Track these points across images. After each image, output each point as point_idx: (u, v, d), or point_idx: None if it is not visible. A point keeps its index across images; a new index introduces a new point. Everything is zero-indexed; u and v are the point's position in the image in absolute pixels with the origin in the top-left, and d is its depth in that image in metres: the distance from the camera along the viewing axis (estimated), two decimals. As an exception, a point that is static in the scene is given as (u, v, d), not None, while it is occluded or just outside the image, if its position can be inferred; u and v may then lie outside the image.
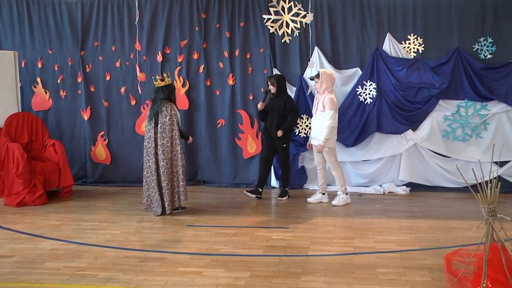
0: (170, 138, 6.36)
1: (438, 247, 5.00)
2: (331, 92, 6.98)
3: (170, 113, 6.36)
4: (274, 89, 7.34)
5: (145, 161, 6.50)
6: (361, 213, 6.61)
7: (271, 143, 7.45)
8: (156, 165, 6.38)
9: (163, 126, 6.35)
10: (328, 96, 6.92)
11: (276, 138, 7.32)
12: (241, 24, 8.28)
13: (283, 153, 7.44)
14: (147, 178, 6.50)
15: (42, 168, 7.49)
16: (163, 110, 6.37)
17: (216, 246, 5.10)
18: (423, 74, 7.77)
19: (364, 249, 4.97)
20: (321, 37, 8.10)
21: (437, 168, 7.90)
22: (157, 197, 6.40)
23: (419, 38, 7.83)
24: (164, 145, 6.33)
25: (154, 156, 6.37)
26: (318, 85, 7.04)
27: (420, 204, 7.13)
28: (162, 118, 6.36)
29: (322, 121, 6.95)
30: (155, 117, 6.39)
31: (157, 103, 6.42)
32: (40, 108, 8.81)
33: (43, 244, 5.22)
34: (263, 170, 7.57)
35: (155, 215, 6.43)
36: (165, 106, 6.39)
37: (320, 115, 7.00)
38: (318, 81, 7.03)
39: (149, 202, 6.56)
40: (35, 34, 8.77)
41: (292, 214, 6.57)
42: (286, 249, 4.98)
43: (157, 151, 6.39)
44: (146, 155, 6.48)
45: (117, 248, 5.08)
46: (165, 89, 6.48)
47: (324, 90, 6.99)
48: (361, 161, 8.16)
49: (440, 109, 7.85)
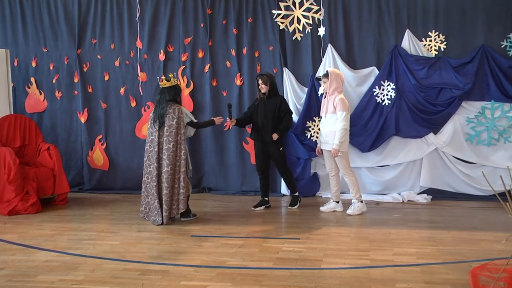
0: (175, 142, 6.37)
1: (462, 261, 4.95)
2: (340, 92, 6.98)
3: (177, 116, 6.38)
4: (266, 88, 7.25)
5: (146, 166, 6.50)
6: (378, 223, 6.57)
7: (265, 148, 7.38)
8: (157, 171, 6.38)
9: (169, 129, 6.36)
10: (339, 96, 6.91)
11: (271, 142, 7.29)
12: (249, 20, 8.30)
13: (279, 156, 7.40)
14: (146, 184, 6.51)
15: (35, 174, 7.51)
16: (170, 112, 6.38)
17: (222, 258, 5.08)
18: (445, 74, 7.74)
19: (382, 262, 4.93)
20: (334, 34, 8.09)
21: (461, 175, 7.86)
22: (156, 205, 6.40)
23: (441, 35, 7.80)
24: (169, 149, 6.34)
25: (156, 161, 6.38)
26: (327, 85, 7.02)
27: (442, 213, 7.08)
28: (169, 121, 6.37)
29: (333, 124, 6.93)
30: (159, 119, 6.41)
31: (162, 105, 6.43)
32: (34, 110, 8.86)
33: (36, 256, 5.22)
34: (263, 179, 7.52)
35: (154, 225, 6.43)
36: (171, 108, 6.40)
37: (330, 118, 6.97)
38: (327, 81, 7.01)
39: (147, 210, 6.56)
40: (28, 31, 8.83)
41: (303, 224, 6.54)
42: (297, 262, 4.96)
43: (160, 156, 6.39)
44: (147, 160, 6.49)
45: (116, 260, 5.06)
46: (171, 90, 6.50)
47: (334, 90, 6.98)
48: (378, 167, 8.14)
49: (463, 111, 7.82)
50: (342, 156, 6.94)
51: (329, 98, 7.02)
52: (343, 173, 7.05)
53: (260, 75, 7.31)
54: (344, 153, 6.97)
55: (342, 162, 6.99)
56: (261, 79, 7.26)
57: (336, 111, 6.89)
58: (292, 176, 7.60)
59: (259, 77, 7.30)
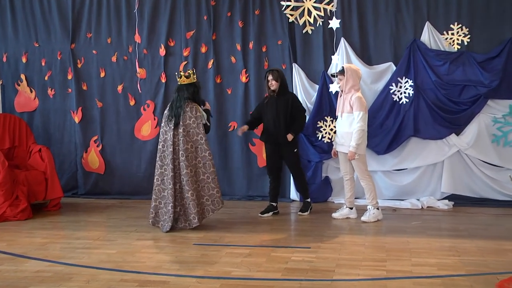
0: (195, 142, 6.39)
1: (488, 272, 4.92)
2: (357, 90, 6.95)
3: (195, 115, 6.45)
4: (277, 85, 7.25)
5: (157, 167, 6.54)
6: (395, 231, 6.54)
7: (277, 150, 7.40)
8: (173, 173, 6.39)
9: (186, 128, 6.41)
10: (356, 94, 6.88)
11: (285, 143, 7.29)
12: (256, 12, 8.30)
13: (294, 158, 7.41)
14: (157, 186, 6.52)
15: (26, 177, 7.53)
16: (187, 111, 6.44)
17: (227, 268, 5.08)
18: (469, 69, 7.71)
19: (399, 273, 4.92)
20: (348, 27, 8.08)
21: (486, 179, 7.82)
22: (169, 209, 6.40)
23: (464, 27, 7.77)
24: (188, 150, 6.38)
25: (171, 162, 6.40)
26: (343, 82, 6.99)
27: (465, 221, 7.05)
28: (186, 120, 6.42)
29: (349, 124, 6.90)
30: (175, 118, 6.43)
31: (179, 103, 6.48)
32: (24, 109, 8.89)
33: (26, 266, 5.22)
34: (273, 182, 7.53)
35: (163, 231, 6.43)
36: (189, 106, 6.46)
37: (347, 118, 6.94)
38: (343, 78, 6.98)
39: (154, 215, 6.56)
40: (18, 24, 8.86)
41: (314, 231, 6.53)
42: (307, 273, 4.94)
43: (175, 157, 6.41)
44: (158, 160, 6.53)
45: (112, 270, 5.07)
46: (190, 88, 6.57)
47: (350, 88, 6.95)
48: (394, 170, 8.12)
49: (488, 110, 7.78)
50: (359, 159, 6.91)
51: (345, 96, 6.98)
52: (360, 177, 7.03)
53: (270, 71, 7.31)
54: (362, 156, 6.94)
55: (359, 165, 6.96)
56: (272, 75, 7.24)
57: (352, 111, 6.86)
58: (305, 180, 7.62)
59: (269, 72, 7.30)
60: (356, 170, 7.05)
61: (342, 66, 7.16)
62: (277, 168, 7.51)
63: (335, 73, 7.27)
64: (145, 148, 8.61)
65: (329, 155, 7.81)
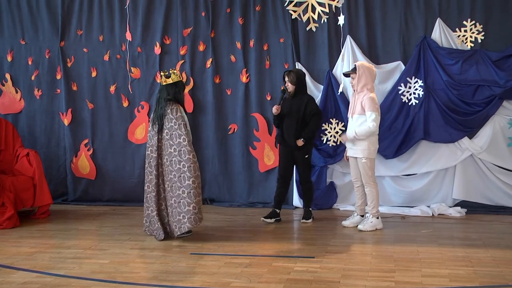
0: (178, 145, 6.39)
1: (504, 284, 4.94)
2: (371, 90, 6.94)
3: (175, 116, 6.41)
4: (293, 87, 7.33)
5: (147, 173, 6.57)
6: (404, 239, 6.57)
7: (289, 154, 7.46)
8: (157, 180, 6.45)
9: (169, 131, 6.40)
10: (368, 95, 6.88)
11: (295, 148, 7.34)
12: (257, 8, 8.34)
13: (304, 165, 7.46)
14: (147, 193, 6.57)
15: (12, 183, 7.54)
16: (168, 112, 6.43)
17: (226, 279, 5.10)
18: (482, 69, 7.74)
19: (408, 284, 4.93)
20: (354, 24, 8.12)
21: (501, 185, 7.85)
22: (156, 218, 6.45)
23: (478, 24, 7.80)
24: (171, 154, 6.37)
25: (155, 169, 6.44)
26: (355, 81, 6.99)
27: (479, 229, 7.07)
28: (168, 122, 6.42)
29: (361, 126, 6.89)
30: (159, 121, 6.46)
31: (161, 105, 6.50)
32: (9, 111, 8.91)
33: (12, 277, 5.23)
34: (281, 187, 7.58)
35: (157, 240, 6.46)
36: (169, 108, 6.46)
37: (358, 119, 6.94)
38: (355, 76, 6.99)
39: (148, 224, 6.61)
40: (3, 20, 8.89)
41: (319, 240, 6.56)
42: (311, 284, 4.97)
43: (159, 162, 6.45)
44: (147, 166, 6.56)
45: (105, 281, 5.08)
46: (171, 88, 6.55)
47: (363, 87, 6.95)
48: (404, 176, 8.15)
49: (504, 112, 7.81)
50: (368, 163, 6.93)
51: (358, 96, 6.98)
52: (365, 182, 7.04)
53: (287, 72, 7.42)
54: (371, 160, 6.96)
55: (366, 170, 6.98)
56: (288, 77, 7.35)
57: (364, 112, 6.87)
58: (313, 190, 7.65)
59: (286, 74, 7.41)
60: (362, 175, 7.04)
61: (354, 64, 7.16)
62: (288, 173, 7.56)
63: (347, 71, 7.27)
64: (139, 152, 8.60)
65: (334, 159, 7.86)
